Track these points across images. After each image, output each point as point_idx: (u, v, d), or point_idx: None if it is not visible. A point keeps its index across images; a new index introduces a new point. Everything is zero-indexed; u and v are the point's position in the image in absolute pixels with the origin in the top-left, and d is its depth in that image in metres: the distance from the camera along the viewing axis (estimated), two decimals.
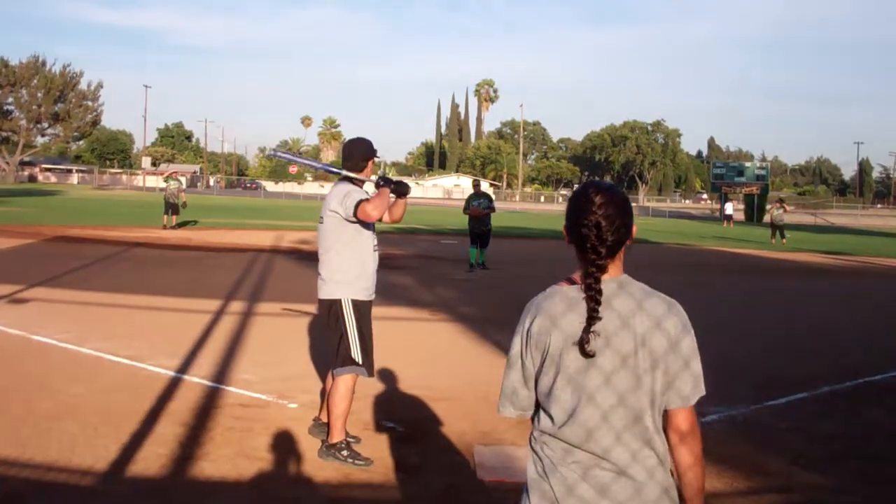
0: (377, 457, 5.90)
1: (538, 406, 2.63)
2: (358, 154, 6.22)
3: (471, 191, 20.35)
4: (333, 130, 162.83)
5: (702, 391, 2.49)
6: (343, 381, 5.82)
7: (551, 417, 2.52)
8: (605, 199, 2.49)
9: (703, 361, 2.49)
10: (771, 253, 30.19)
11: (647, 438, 2.44)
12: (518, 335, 2.63)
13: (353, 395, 5.93)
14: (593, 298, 2.42)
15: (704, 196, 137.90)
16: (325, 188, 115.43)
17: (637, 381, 2.42)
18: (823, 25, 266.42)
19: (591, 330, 2.41)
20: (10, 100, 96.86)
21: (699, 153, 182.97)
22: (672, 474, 2.49)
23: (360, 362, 5.88)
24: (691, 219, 75.35)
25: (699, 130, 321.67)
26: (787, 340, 12.00)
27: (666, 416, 2.50)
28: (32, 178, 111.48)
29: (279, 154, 8.30)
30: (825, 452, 6.56)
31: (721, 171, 78.18)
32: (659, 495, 2.42)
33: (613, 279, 2.52)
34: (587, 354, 2.41)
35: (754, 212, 72.14)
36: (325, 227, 6.15)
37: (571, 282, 2.57)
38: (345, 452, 5.71)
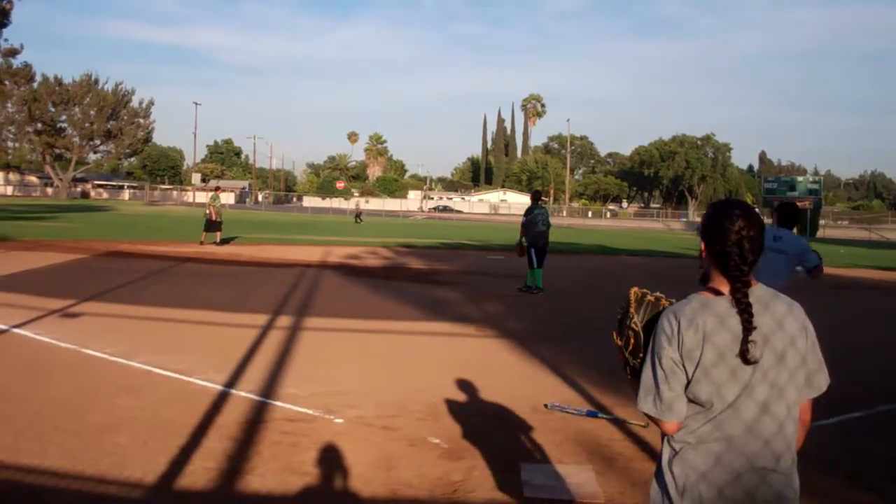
0: (421, 473, 5.90)
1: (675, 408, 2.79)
2: None
3: (516, 205, 19.84)
4: (379, 146, 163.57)
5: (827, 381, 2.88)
6: None
7: (714, 418, 2.72)
8: (746, 221, 2.76)
9: None
10: (827, 269, 29.69)
11: (789, 425, 2.75)
12: (667, 340, 2.77)
13: None
14: (746, 311, 2.66)
15: (756, 211, 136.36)
16: (370, 204, 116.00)
17: (790, 377, 2.73)
18: (877, 37, 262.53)
19: (751, 340, 2.64)
20: (64, 117, 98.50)
21: (750, 167, 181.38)
22: None
23: None
24: None
25: (750, 144, 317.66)
26: (842, 358, 11.74)
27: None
28: (85, 195, 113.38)
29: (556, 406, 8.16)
30: (882, 473, 6.44)
31: (772, 186, 77.40)
32: (797, 478, 2.77)
33: (757, 287, 2.78)
34: (748, 362, 2.65)
35: (807, 227, 71.19)
36: None
37: (713, 292, 2.81)
38: None
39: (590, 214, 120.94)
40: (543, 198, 19.29)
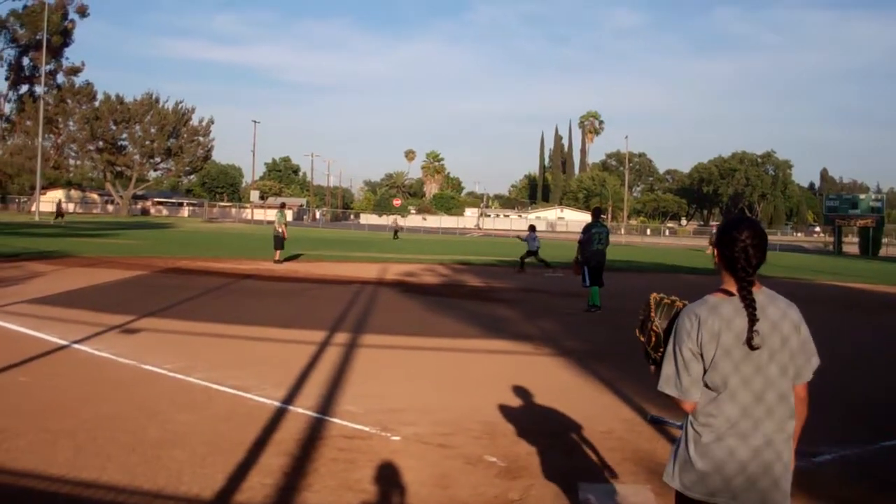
0: (478, 492, 5.84)
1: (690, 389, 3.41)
2: None
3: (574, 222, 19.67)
4: (436, 164, 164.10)
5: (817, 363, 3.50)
6: None
7: (718, 399, 3.34)
8: (751, 232, 3.41)
9: (818, 401, 2.65)
10: (891, 288, 29.14)
11: (790, 413, 3.37)
12: (687, 334, 3.39)
13: None
14: (751, 306, 3.30)
15: (817, 229, 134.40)
16: (427, 221, 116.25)
17: (781, 371, 3.35)
18: None
19: (754, 329, 3.26)
20: (125, 135, 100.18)
21: (811, 185, 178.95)
22: None
23: None
24: (803, 252, 73.43)
25: (811, 162, 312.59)
26: None
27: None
28: (145, 212, 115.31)
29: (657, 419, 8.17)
30: None
31: (834, 204, 75.97)
32: (789, 455, 3.37)
33: (761, 290, 3.41)
34: (753, 347, 3.27)
35: (869, 245, 69.89)
36: None
37: (725, 293, 3.44)
38: None
39: (648, 232, 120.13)
40: (602, 215, 19.04)
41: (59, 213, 67.05)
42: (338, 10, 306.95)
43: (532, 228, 30.40)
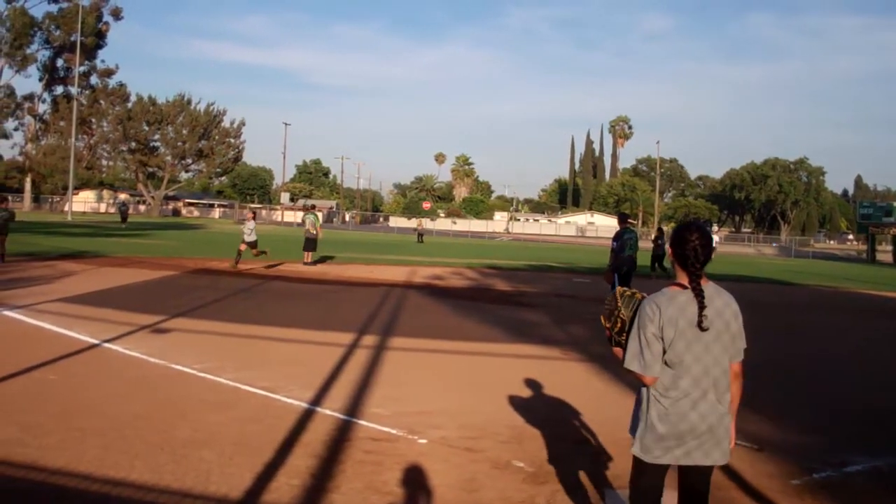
0: (504, 496, 5.83)
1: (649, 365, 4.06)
2: None
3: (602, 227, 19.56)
4: (466, 167, 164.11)
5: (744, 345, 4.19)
6: None
7: (674, 373, 4.03)
8: (699, 234, 4.13)
9: (847, 410, 2.70)
10: None
11: (728, 385, 4.10)
12: (650, 320, 4.04)
13: None
14: (700, 295, 4.00)
15: (850, 237, 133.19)
16: (456, 224, 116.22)
17: (723, 349, 4.06)
18: None
19: (703, 314, 3.96)
20: (157, 136, 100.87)
21: (845, 192, 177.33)
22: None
23: None
24: (836, 260, 72.79)
25: (845, 169, 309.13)
26: None
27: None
28: (176, 212, 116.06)
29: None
30: None
31: (868, 211, 75.20)
32: (728, 420, 4.11)
33: (708, 284, 4.10)
34: (703, 329, 3.96)
35: None
36: None
37: (679, 286, 4.11)
38: None
39: None
40: (630, 220, 18.91)
41: (124, 217, 66.94)
42: (369, 13, 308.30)
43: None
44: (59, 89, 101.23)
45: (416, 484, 6.02)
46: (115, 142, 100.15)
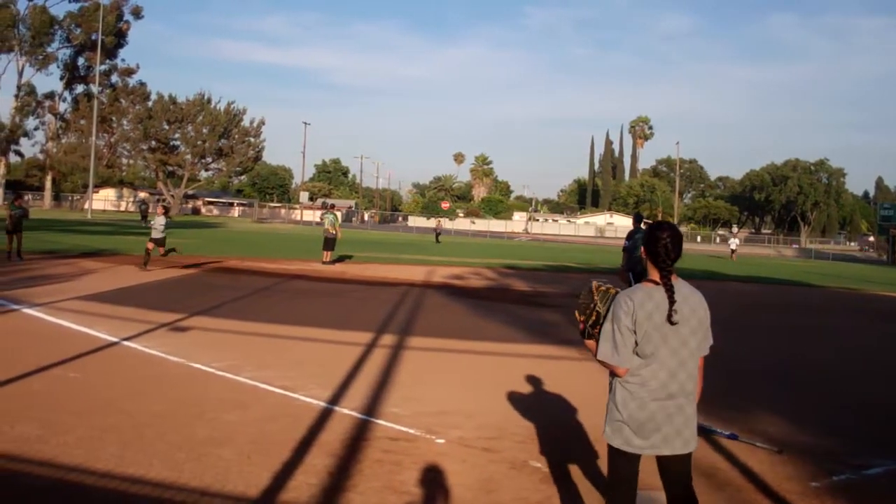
0: (521, 497, 5.81)
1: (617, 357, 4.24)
2: None
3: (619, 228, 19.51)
4: (485, 167, 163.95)
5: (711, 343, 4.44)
6: None
7: (647, 364, 4.21)
8: (670, 232, 4.34)
9: (868, 412, 2.69)
10: None
11: (696, 377, 4.34)
12: (625, 314, 4.19)
13: None
14: (671, 290, 4.20)
15: (871, 238, 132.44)
16: (475, 224, 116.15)
17: (697, 344, 4.29)
18: None
19: (674, 310, 4.15)
20: (177, 135, 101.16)
21: (866, 194, 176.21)
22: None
23: None
24: (856, 262, 72.35)
25: (866, 170, 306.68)
26: None
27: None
28: (196, 211, 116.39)
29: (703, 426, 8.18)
30: None
31: (889, 213, 74.89)
32: (691, 409, 4.30)
33: (679, 281, 4.34)
34: (672, 323, 4.15)
35: None
36: None
37: (653, 283, 4.28)
38: None
39: (699, 239, 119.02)
40: (647, 220, 18.78)
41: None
42: (388, 12, 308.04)
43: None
44: (80, 88, 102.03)
45: (433, 484, 6.02)
46: (135, 140, 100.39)
